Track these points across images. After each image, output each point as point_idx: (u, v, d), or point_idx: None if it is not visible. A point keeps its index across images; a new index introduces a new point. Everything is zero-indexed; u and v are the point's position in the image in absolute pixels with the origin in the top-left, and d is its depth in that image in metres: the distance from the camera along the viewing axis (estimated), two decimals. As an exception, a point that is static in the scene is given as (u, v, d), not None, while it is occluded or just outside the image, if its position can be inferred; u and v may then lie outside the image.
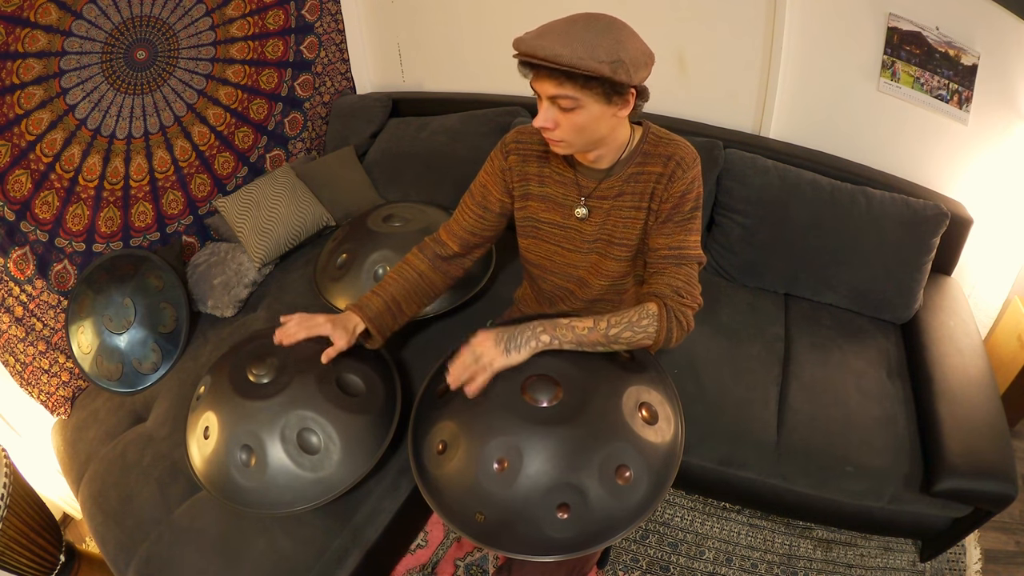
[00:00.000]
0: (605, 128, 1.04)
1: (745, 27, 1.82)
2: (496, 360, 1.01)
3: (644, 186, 1.12)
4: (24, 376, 1.65)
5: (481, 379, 1.01)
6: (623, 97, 0.98)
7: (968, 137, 1.69)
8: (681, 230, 1.10)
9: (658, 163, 1.10)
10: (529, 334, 1.03)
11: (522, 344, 1.02)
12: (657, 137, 1.13)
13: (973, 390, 1.51)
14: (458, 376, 1.03)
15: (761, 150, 1.85)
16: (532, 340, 1.03)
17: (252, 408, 1.17)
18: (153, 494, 1.40)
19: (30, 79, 1.55)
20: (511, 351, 1.02)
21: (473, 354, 1.03)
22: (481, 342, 1.03)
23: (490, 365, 1.01)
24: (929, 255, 1.70)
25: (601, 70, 0.91)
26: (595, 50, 0.90)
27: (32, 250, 1.62)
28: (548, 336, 1.03)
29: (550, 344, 1.03)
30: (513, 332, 1.03)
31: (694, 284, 1.10)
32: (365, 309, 1.23)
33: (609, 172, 1.14)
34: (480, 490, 0.95)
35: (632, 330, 1.04)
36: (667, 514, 1.75)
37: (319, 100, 2.40)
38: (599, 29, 0.93)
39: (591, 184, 1.16)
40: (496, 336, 1.03)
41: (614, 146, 1.10)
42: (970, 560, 1.64)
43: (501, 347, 1.02)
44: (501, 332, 1.04)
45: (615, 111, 1.00)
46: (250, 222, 1.94)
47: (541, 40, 0.91)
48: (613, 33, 0.93)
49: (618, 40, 0.93)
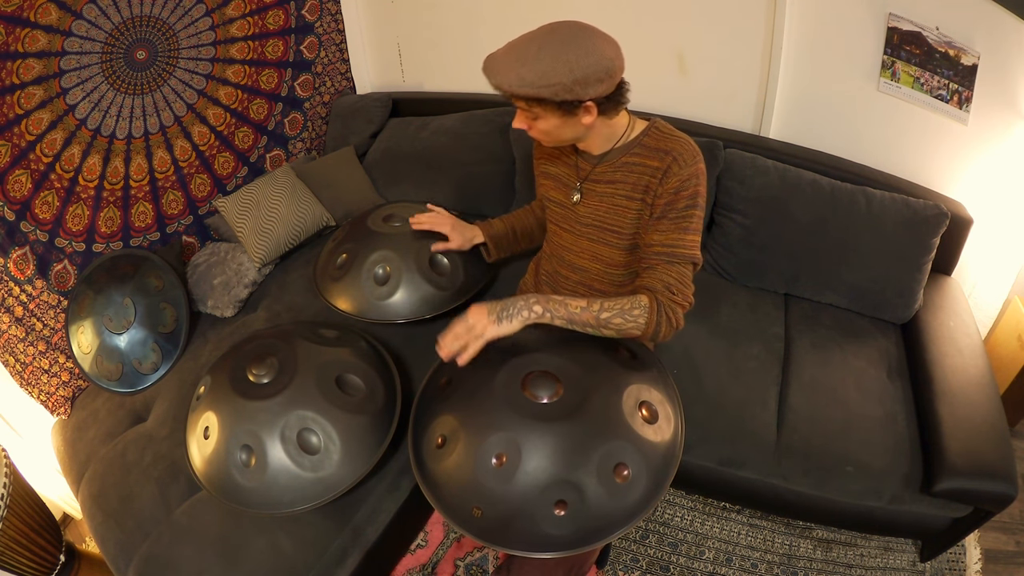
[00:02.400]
0: (571, 133, 1.10)
1: (745, 27, 1.82)
2: (488, 328, 1.03)
3: (639, 177, 1.13)
4: (24, 376, 1.65)
5: (473, 348, 1.03)
6: (577, 110, 1.03)
7: (968, 137, 1.69)
8: (676, 228, 1.10)
9: (655, 157, 1.11)
10: (522, 304, 1.04)
11: (514, 314, 1.04)
12: (660, 133, 1.14)
13: (973, 390, 1.51)
14: (449, 346, 1.05)
15: (761, 150, 1.85)
16: (525, 310, 1.04)
17: (252, 408, 1.18)
18: (153, 494, 1.40)
19: (30, 79, 1.55)
20: (503, 320, 1.03)
21: (465, 324, 1.04)
22: (473, 313, 1.05)
23: (482, 333, 1.03)
24: (929, 255, 1.70)
25: (540, 94, 0.98)
26: (539, 76, 0.96)
27: (32, 250, 1.62)
28: (540, 307, 1.04)
29: (542, 316, 1.04)
30: (506, 303, 1.05)
31: (686, 283, 1.10)
32: (488, 228, 1.46)
33: (603, 158, 1.17)
34: (478, 485, 0.95)
35: (623, 317, 1.05)
36: (667, 514, 1.75)
37: (319, 100, 2.40)
38: (553, 49, 0.97)
39: (587, 167, 1.20)
40: (489, 307, 1.05)
41: (600, 138, 1.14)
42: (970, 560, 1.64)
43: (493, 316, 1.04)
44: (494, 303, 1.06)
45: (577, 120, 1.05)
46: (250, 222, 1.94)
47: (496, 64, 1.00)
48: (566, 53, 0.97)
49: (567, 61, 0.96)
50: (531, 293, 1.09)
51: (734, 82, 1.94)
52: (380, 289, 1.42)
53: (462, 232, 1.42)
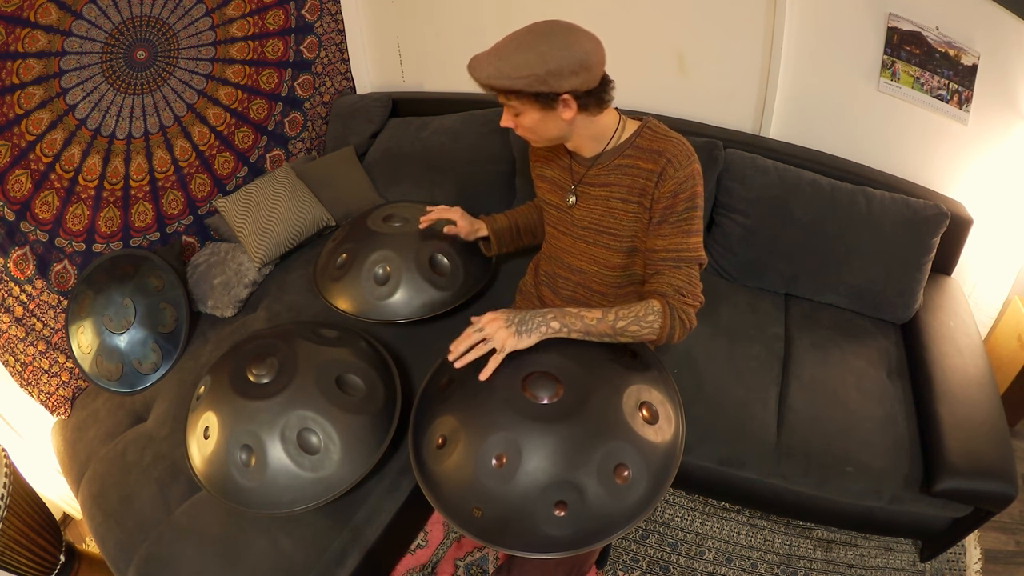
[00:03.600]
0: (555, 129, 1.10)
1: (745, 27, 1.82)
2: (508, 341, 1.02)
3: (633, 180, 1.13)
4: (24, 376, 1.65)
5: (493, 362, 1.02)
6: (555, 104, 1.04)
7: (968, 137, 1.69)
8: (678, 231, 1.11)
9: (650, 159, 1.11)
10: (540, 320, 1.04)
11: (533, 328, 1.03)
12: (653, 133, 1.13)
13: (973, 390, 1.51)
14: (460, 350, 1.04)
15: (761, 150, 1.85)
16: (543, 326, 1.04)
17: (252, 408, 1.17)
18: (153, 494, 1.40)
19: (30, 79, 1.55)
20: (522, 335, 1.03)
21: (481, 331, 1.04)
22: (491, 321, 1.04)
23: (502, 346, 1.02)
24: (929, 255, 1.70)
25: (515, 85, 1.00)
26: (513, 67, 0.99)
27: (32, 250, 1.62)
28: (558, 323, 1.04)
29: (559, 331, 1.04)
30: (524, 316, 1.05)
31: (695, 283, 1.11)
32: (491, 222, 1.47)
33: (596, 160, 1.17)
34: (478, 485, 0.95)
35: (638, 324, 1.06)
36: (667, 514, 1.75)
37: (319, 100, 2.40)
38: (530, 44, 1.00)
39: (581, 170, 1.20)
40: (507, 318, 1.04)
41: (588, 138, 1.14)
42: (970, 560, 1.64)
43: (513, 329, 1.03)
44: (512, 315, 1.05)
45: (557, 115, 1.06)
46: (250, 222, 1.94)
47: (478, 61, 1.03)
48: (541, 46, 0.99)
49: (541, 54, 0.98)
50: (546, 308, 1.08)
51: (734, 82, 1.94)
52: (380, 289, 1.42)
53: (470, 221, 1.44)
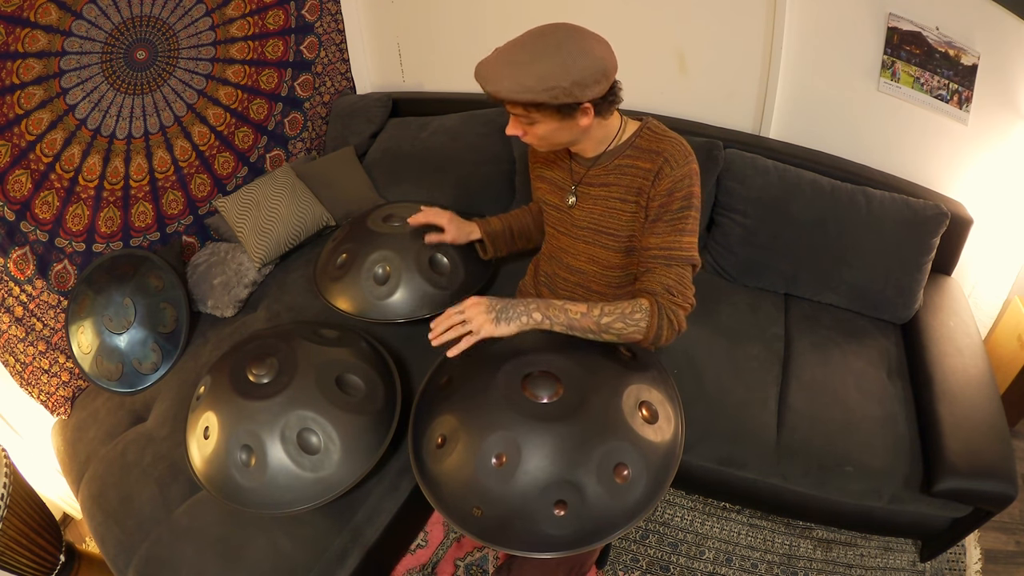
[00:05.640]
0: (568, 136, 1.09)
1: (745, 27, 1.82)
2: (484, 327, 1.02)
3: (632, 180, 1.13)
4: (24, 376, 1.65)
5: (466, 342, 1.02)
6: (575, 112, 1.02)
7: (968, 137, 1.69)
8: (672, 230, 1.10)
9: (648, 159, 1.11)
10: (522, 309, 1.04)
11: (513, 317, 1.03)
12: (652, 133, 1.14)
13: (973, 390, 1.51)
14: (439, 330, 1.04)
15: (761, 150, 1.85)
16: (524, 315, 1.03)
17: (252, 408, 1.18)
18: (153, 494, 1.40)
19: (30, 79, 1.55)
20: (501, 322, 1.03)
21: (461, 314, 1.04)
22: (473, 305, 1.04)
23: (478, 330, 1.02)
24: (929, 255, 1.70)
25: (539, 99, 0.97)
26: (537, 80, 0.95)
27: (32, 250, 1.62)
28: (540, 315, 1.04)
29: (541, 323, 1.04)
30: (506, 304, 1.05)
31: (686, 284, 1.10)
32: (485, 225, 1.46)
33: (596, 161, 1.17)
34: (478, 485, 0.95)
35: (624, 322, 1.05)
36: (667, 514, 1.75)
37: (319, 100, 2.40)
38: (547, 53, 0.96)
39: (581, 171, 1.20)
40: (488, 304, 1.04)
41: (594, 140, 1.14)
42: (970, 560, 1.64)
43: (492, 315, 1.03)
44: (495, 301, 1.05)
45: (575, 123, 1.05)
46: (250, 222, 1.94)
47: (490, 71, 0.98)
48: (560, 55, 0.96)
49: (563, 64, 0.96)
50: (532, 298, 1.08)
51: (734, 82, 1.94)
52: (380, 289, 1.42)
53: (459, 226, 1.43)
